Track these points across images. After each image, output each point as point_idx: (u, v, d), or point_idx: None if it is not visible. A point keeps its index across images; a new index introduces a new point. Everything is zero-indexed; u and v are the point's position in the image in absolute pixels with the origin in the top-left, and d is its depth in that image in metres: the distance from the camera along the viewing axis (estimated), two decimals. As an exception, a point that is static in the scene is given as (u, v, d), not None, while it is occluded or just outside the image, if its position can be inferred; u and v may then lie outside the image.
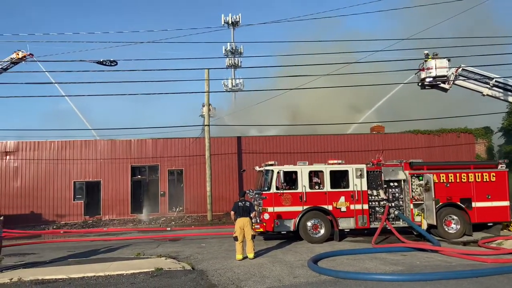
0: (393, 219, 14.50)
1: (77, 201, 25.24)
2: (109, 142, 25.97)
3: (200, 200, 25.06)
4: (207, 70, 22.86)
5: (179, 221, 23.56)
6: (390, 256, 10.99)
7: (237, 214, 11.24)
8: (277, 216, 13.67)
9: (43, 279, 9.19)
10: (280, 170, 13.87)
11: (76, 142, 25.80)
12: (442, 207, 14.25)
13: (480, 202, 14.45)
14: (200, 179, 25.40)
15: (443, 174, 14.48)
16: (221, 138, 26.59)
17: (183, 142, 26.34)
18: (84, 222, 24.12)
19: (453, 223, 14.30)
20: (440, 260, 10.39)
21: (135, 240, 16.65)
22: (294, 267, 9.82)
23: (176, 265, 10.31)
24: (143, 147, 26.09)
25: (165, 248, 13.84)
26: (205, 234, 17.52)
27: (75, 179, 25.41)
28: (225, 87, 50.74)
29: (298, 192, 13.90)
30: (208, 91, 23.26)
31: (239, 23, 50.79)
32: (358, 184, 14.18)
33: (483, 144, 28.48)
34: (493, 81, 19.09)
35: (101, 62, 15.22)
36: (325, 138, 27.36)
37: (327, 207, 13.91)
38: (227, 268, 10.01)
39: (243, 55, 51.11)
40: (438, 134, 28.06)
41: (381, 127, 29.26)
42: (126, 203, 25.44)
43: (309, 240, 13.66)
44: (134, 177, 26.01)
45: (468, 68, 19.42)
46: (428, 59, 19.01)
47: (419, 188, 14.50)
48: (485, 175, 14.67)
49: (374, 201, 14.42)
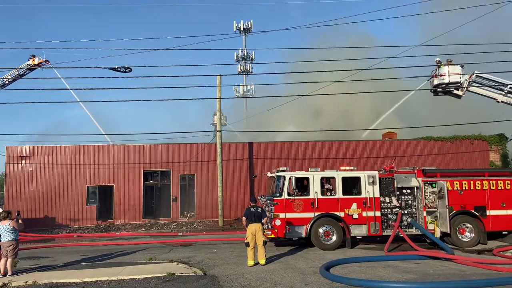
0: (406, 226, 14.36)
1: (90, 205, 25.52)
2: (122, 147, 26.26)
3: (212, 205, 25.13)
4: (219, 76, 23.04)
5: (191, 226, 23.65)
6: (403, 264, 10.88)
7: (249, 220, 11.26)
8: (289, 222, 13.64)
9: (57, 283, 9.32)
10: (291, 176, 13.87)
11: (90, 147, 26.14)
12: (456, 215, 14.08)
13: (494, 210, 14.24)
14: (212, 184, 25.50)
15: (457, 182, 14.31)
16: (232, 144, 26.69)
17: (194, 147, 26.50)
18: (97, 227, 24.36)
19: (467, 231, 14.11)
20: (454, 268, 10.26)
21: (147, 244, 16.76)
22: (306, 274, 9.78)
23: (188, 270, 10.36)
24: (155, 152, 26.31)
25: (177, 253, 13.90)
26: (217, 240, 17.55)
27: (88, 184, 25.71)
28: (236, 93, 50.97)
29: (309, 198, 13.87)
30: (220, 97, 23.41)
31: (251, 29, 51.11)
32: (370, 191, 14.09)
33: (497, 151, 28.04)
34: (508, 88, 18.90)
35: (116, 69, 15.47)
36: (337, 144, 27.25)
37: (339, 214, 13.84)
38: (238, 274, 10.01)
39: (254, 62, 51.37)
40: (451, 141, 27.73)
41: (393, 134, 29.05)
42: (138, 208, 25.63)
43: (321, 247, 13.59)
44: (146, 182, 26.22)
45: (482, 74, 19.26)
46: (441, 66, 18.90)
47: (432, 195, 14.36)
48: (500, 182, 14.47)
49: (386, 208, 14.31)
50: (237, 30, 50.94)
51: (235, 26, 50.95)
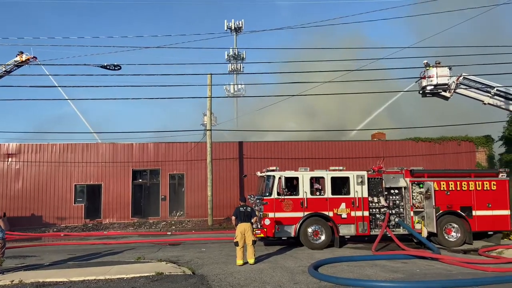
0: (393, 226, 14.51)
1: (78, 204, 25.26)
2: (110, 146, 26.04)
3: (201, 204, 25.08)
4: (210, 75, 22.98)
5: (180, 225, 23.57)
6: (390, 263, 11.00)
7: (238, 219, 11.27)
8: (278, 221, 13.69)
9: (44, 282, 9.22)
10: (281, 176, 13.92)
11: (78, 145, 25.87)
12: (443, 215, 14.26)
13: (480, 210, 14.46)
14: (201, 183, 25.44)
15: (444, 182, 14.50)
16: (222, 143, 26.66)
17: (184, 146, 26.40)
18: (85, 225, 24.14)
19: (453, 231, 14.30)
20: (440, 268, 10.40)
21: (136, 244, 16.65)
22: (295, 273, 9.83)
23: (176, 269, 10.33)
24: (144, 151, 26.15)
25: (166, 252, 13.85)
26: (206, 239, 17.51)
27: (76, 182, 25.45)
28: (227, 92, 50.91)
29: (299, 198, 13.93)
30: (210, 96, 23.35)
31: (242, 29, 51.08)
32: (359, 191, 14.21)
33: (483, 152, 28.50)
34: (495, 90, 19.22)
35: (105, 66, 15.33)
36: (327, 144, 27.40)
37: (328, 214, 13.93)
38: (227, 273, 10.02)
39: (245, 61, 51.36)
40: (439, 142, 28.09)
41: (382, 134, 29.32)
42: (127, 207, 25.46)
43: (310, 246, 13.67)
44: (135, 180, 26.05)
45: (470, 76, 19.55)
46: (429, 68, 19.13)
47: (420, 195, 14.53)
48: (486, 183, 14.69)
49: (374, 208, 14.44)
50: (228, 29, 50.87)
51: (226, 25, 50.88)
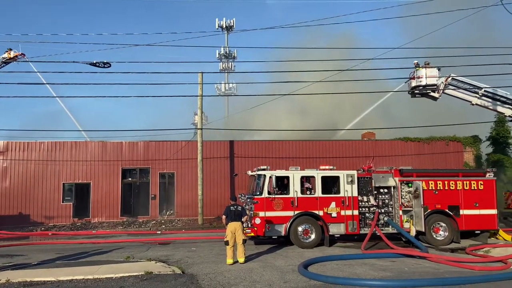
0: (382, 225, 14.61)
1: (66, 202, 25.00)
2: (100, 144, 25.81)
3: (191, 203, 25.00)
4: (201, 73, 22.90)
5: (170, 224, 23.46)
6: (379, 262, 11.09)
7: (229, 218, 11.26)
8: (269, 220, 13.70)
9: (32, 281, 9.11)
10: (272, 175, 13.94)
11: (66, 143, 25.59)
12: (431, 214, 14.41)
13: (468, 210, 14.62)
14: (192, 182, 25.35)
15: (432, 182, 14.65)
16: (213, 142, 26.59)
17: (175, 145, 26.27)
18: (73, 224, 23.90)
19: (441, 230, 14.45)
20: (428, 266, 10.52)
21: (125, 243, 16.53)
22: (285, 272, 9.86)
23: (166, 269, 10.28)
24: (134, 150, 25.97)
25: (155, 251, 13.78)
26: (196, 238, 17.47)
27: (65, 181, 25.18)
28: (218, 91, 50.79)
29: (289, 197, 13.96)
30: (201, 95, 23.28)
31: (233, 27, 51.00)
32: (349, 190, 14.29)
33: (471, 152, 28.89)
34: (482, 91, 19.47)
35: (95, 63, 15.17)
36: (317, 143, 27.52)
37: (318, 213, 13.99)
38: (217, 272, 10.01)
39: (236, 60, 51.30)
40: (428, 141, 28.40)
41: (372, 134, 29.53)
42: (116, 206, 25.27)
43: (300, 245, 13.71)
44: (125, 179, 25.86)
45: (458, 77, 19.77)
46: (419, 69, 19.30)
47: (409, 195, 14.66)
48: (473, 183, 14.87)
49: (364, 207, 14.53)
50: (219, 27, 50.76)
51: (217, 24, 50.75)
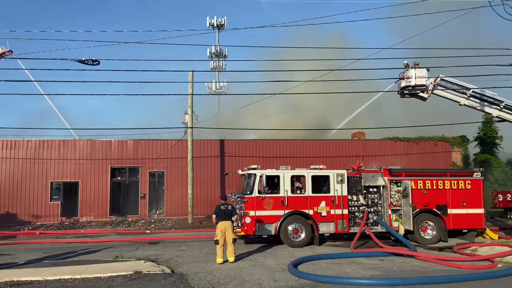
0: (371, 224, 14.72)
1: (54, 201, 24.71)
2: (88, 142, 25.55)
3: (181, 203, 24.89)
4: (191, 72, 22.78)
5: (159, 223, 23.33)
6: (368, 261, 11.16)
7: (219, 218, 11.23)
8: (259, 220, 13.70)
9: (19, 281, 8.98)
10: (262, 174, 13.94)
11: (54, 141, 25.28)
12: (419, 213, 14.55)
13: (455, 209, 14.81)
14: (182, 181, 25.24)
15: (421, 181, 14.80)
16: (204, 141, 26.50)
17: (165, 144, 26.12)
18: (61, 224, 23.63)
19: (429, 229, 14.61)
20: (416, 265, 10.62)
21: (114, 242, 16.40)
22: (275, 271, 9.87)
23: (155, 268, 10.22)
24: (123, 148, 25.76)
25: (144, 251, 13.69)
26: (186, 237, 17.40)
27: (52, 180, 24.88)
28: (209, 90, 50.61)
29: (280, 196, 13.98)
30: (192, 93, 23.16)
31: (224, 26, 50.85)
32: (338, 189, 14.36)
33: (459, 152, 29.26)
34: (470, 92, 19.69)
35: (83, 61, 14.95)
36: (308, 143, 27.60)
37: (308, 212, 14.03)
38: (207, 271, 9.98)
39: (227, 59, 51.17)
40: (417, 141, 28.67)
41: (361, 134, 29.73)
42: (105, 205, 25.04)
43: (290, 244, 13.74)
44: (114, 178, 25.64)
45: (447, 78, 19.97)
46: (408, 69, 19.45)
47: (397, 194, 14.78)
48: (461, 182, 15.06)
49: (354, 206, 14.62)
50: (210, 26, 50.56)
51: (208, 22, 50.55)
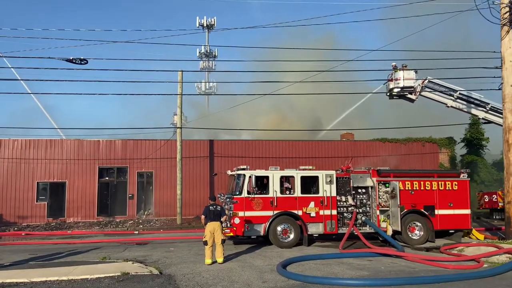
0: (360, 224, 14.80)
1: (40, 202, 24.39)
2: (76, 142, 25.27)
3: (170, 203, 24.75)
4: (181, 72, 22.69)
5: (148, 224, 23.16)
6: (356, 261, 11.22)
7: (208, 218, 11.18)
8: (248, 220, 13.68)
9: (4, 283, 8.81)
10: (252, 175, 13.92)
11: (41, 141, 24.95)
12: (407, 213, 14.65)
13: (442, 209, 14.95)
14: (171, 182, 25.10)
15: (408, 182, 14.92)
16: (193, 141, 26.40)
17: (153, 144, 25.96)
18: (47, 224, 23.32)
19: (416, 230, 14.73)
20: (404, 265, 10.70)
21: (101, 243, 16.23)
22: (263, 272, 9.86)
23: (143, 269, 10.13)
24: (112, 148, 25.52)
25: (132, 252, 13.57)
26: (174, 238, 17.31)
27: (39, 180, 24.55)
28: (198, 90, 50.46)
29: (269, 197, 13.97)
30: (181, 93, 23.06)
31: (214, 26, 50.76)
32: (327, 190, 14.41)
33: (446, 153, 29.64)
34: (457, 94, 20.00)
35: (71, 60, 14.78)
36: (297, 144, 27.68)
37: (297, 212, 14.05)
38: (195, 272, 9.92)
39: (217, 59, 51.07)
40: (405, 142, 28.97)
41: (350, 135, 29.93)
42: (92, 205, 24.79)
43: (279, 244, 13.74)
44: (102, 178, 25.40)
45: (434, 80, 20.23)
46: (397, 71, 19.66)
47: (386, 195, 14.88)
48: (448, 183, 15.22)
49: (342, 207, 14.68)
50: (200, 26, 50.43)
51: (198, 22, 50.40)
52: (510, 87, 14.06)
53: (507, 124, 14.08)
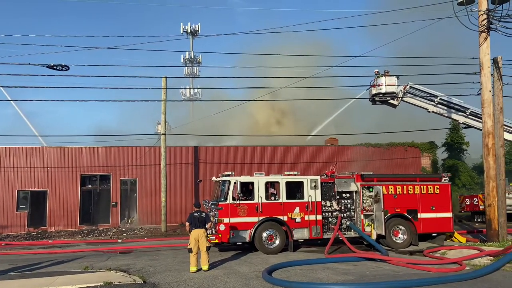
0: (345, 229, 14.88)
1: (21, 211, 23.83)
2: (57, 150, 24.81)
3: (154, 210, 24.46)
4: (165, 78, 22.55)
5: (132, 232, 22.83)
6: (341, 266, 11.26)
7: (192, 225, 11.09)
8: (233, 227, 13.61)
9: (-20, 296, 8.56)
10: (237, 181, 13.88)
11: (21, 149, 24.43)
12: (391, 217, 14.80)
13: (425, 213, 15.16)
14: (155, 189, 24.82)
15: (392, 186, 15.09)
16: (177, 148, 26.22)
17: (137, 151, 25.69)
18: (28, 234, 22.77)
19: (400, 233, 14.90)
20: (388, 269, 10.79)
21: (84, 252, 15.92)
22: (249, 279, 9.81)
23: (126, 278, 9.96)
24: (94, 156, 25.15)
25: (116, 261, 13.33)
26: (159, 246, 17.09)
27: (19, 188, 24.01)
28: (183, 96, 50.22)
29: (254, 203, 13.95)
30: (165, 99, 22.89)
31: (198, 32, 50.73)
32: (312, 195, 14.46)
33: (428, 157, 30.16)
34: (438, 99, 20.37)
35: (52, 66, 14.55)
36: (282, 149, 27.76)
37: (283, 218, 14.05)
38: (180, 280, 9.81)
39: (201, 65, 51.01)
40: (388, 147, 29.35)
41: (335, 140, 30.20)
42: (75, 214, 24.34)
43: (264, 251, 13.71)
44: (84, 186, 24.98)
45: (416, 86, 20.59)
46: (379, 77, 19.94)
47: (370, 199, 15.02)
48: (430, 187, 15.45)
49: (327, 212, 14.75)
50: (184, 32, 50.33)
51: (182, 28, 50.30)
52: (488, 92, 14.42)
53: (486, 128, 14.40)
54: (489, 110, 14.41)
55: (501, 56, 15.28)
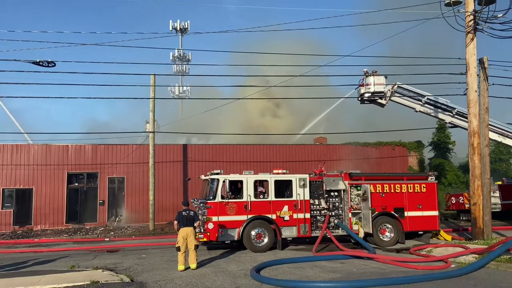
0: (333, 227, 14.97)
1: (6, 209, 23.45)
2: (43, 147, 24.46)
3: (142, 209, 24.30)
4: (153, 75, 22.39)
5: (119, 231, 22.63)
6: (329, 264, 11.33)
7: (181, 224, 11.04)
8: (222, 225, 13.60)
9: (-37, 296, 8.41)
10: (225, 179, 13.86)
11: (6, 146, 24.02)
12: (378, 216, 14.92)
13: (412, 211, 15.33)
14: (143, 187, 24.64)
15: (379, 185, 15.22)
16: (166, 146, 26.06)
17: (125, 148, 25.46)
18: (13, 233, 22.43)
19: (387, 232, 15.04)
20: (375, 267, 10.89)
21: (70, 251, 15.75)
22: (237, 277, 9.81)
23: (113, 277, 9.88)
24: (81, 153, 24.86)
25: (103, 259, 13.22)
26: (147, 245, 16.99)
27: (4, 186, 23.63)
28: (172, 94, 49.91)
29: (243, 201, 13.95)
30: (154, 97, 22.74)
31: (188, 30, 50.43)
32: (301, 193, 14.52)
33: (415, 156, 30.51)
34: (425, 99, 20.56)
35: (38, 62, 14.30)
36: (271, 147, 27.79)
37: (271, 216, 14.08)
38: (168, 279, 9.77)
39: (191, 62, 50.72)
40: (376, 146, 29.60)
41: (323, 139, 30.35)
42: (61, 212, 24.04)
43: (253, 249, 13.72)
44: (71, 184, 24.68)
45: (403, 85, 20.76)
46: (368, 76, 20.05)
47: (357, 197, 15.13)
48: (417, 186, 15.62)
49: (315, 210, 14.82)
50: (173, 29, 49.98)
51: (171, 26, 49.93)
52: (474, 92, 14.62)
53: (472, 128, 14.60)
54: (475, 110, 14.61)
55: (487, 57, 15.47)
